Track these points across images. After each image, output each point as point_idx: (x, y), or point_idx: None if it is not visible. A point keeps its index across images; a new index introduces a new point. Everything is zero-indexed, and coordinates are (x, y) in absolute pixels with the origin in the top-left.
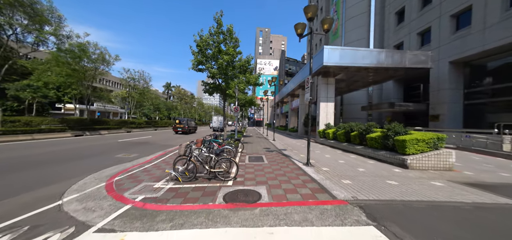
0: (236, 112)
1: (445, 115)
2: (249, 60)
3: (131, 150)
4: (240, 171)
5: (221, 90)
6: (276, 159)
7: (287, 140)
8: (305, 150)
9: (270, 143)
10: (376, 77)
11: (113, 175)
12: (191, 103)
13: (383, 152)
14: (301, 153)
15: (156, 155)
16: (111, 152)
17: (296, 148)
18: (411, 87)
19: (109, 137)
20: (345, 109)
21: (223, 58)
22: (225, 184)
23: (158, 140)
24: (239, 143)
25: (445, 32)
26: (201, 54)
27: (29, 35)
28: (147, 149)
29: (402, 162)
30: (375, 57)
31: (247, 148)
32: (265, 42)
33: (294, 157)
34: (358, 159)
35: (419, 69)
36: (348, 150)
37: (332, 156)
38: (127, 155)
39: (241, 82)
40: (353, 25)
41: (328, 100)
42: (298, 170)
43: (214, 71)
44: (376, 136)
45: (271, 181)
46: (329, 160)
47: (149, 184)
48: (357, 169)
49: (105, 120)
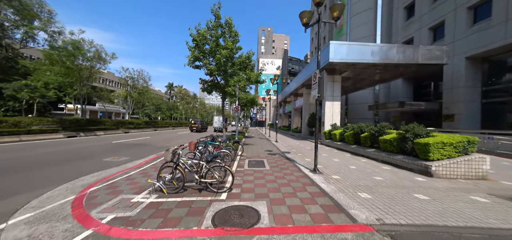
0: (237, 112)
1: (461, 115)
2: (250, 56)
3: (123, 152)
4: (237, 179)
5: (220, 88)
6: (279, 164)
7: (290, 142)
8: (310, 153)
9: (272, 145)
10: (384, 74)
11: (90, 184)
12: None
13: (400, 156)
14: (306, 156)
15: (148, 159)
16: (101, 155)
17: (301, 150)
18: (421, 85)
19: (104, 138)
20: (350, 109)
21: (221, 53)
22: (217, 197)
23: (156, 141)
24: (239, 145)
25: (461, 26)
26: (198, 50)
27: (17, 30)
28: (141, 151)
29: (424, 169)
30: (385, 53)
31: (248, 151)
32: (268, 42)
33: (298, 162)
34: (371, 164)
35: (432, 66)
36: (358, 153)
37: (341, 160)
38: (116, 158)
39: (242, 80)
40: (359, 21)
41: (334, 99)
42: (305, 178)
43: (212, 67)
44: (391, 138)
45: (273, 194)
46: (338, 166)
47: (127, 197)
48: (374, 178)
49: (101, 120)
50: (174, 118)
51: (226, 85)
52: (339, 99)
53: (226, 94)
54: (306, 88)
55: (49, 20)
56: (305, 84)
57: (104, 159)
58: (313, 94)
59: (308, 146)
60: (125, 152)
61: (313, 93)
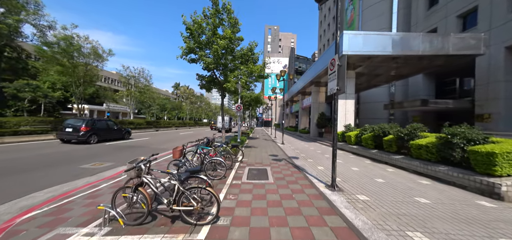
0: (239, 111)
1: (499, 115)
2: (253, 48)
3: (110, 157)
4: (230, 199)
5: (218, 85)
6: (286, 174)
7: (298, 144)
8: (322, 158)
9: (278, 148)
10: (403, 69)
11: (34, 206)
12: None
13: (443, 167)
14: (318, 163)
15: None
16: (82, 160)
17: (311, 155)
18: (444, 82)
19: None
20: (362, 108)
21: (218, 43)
22: (193, 236)
23: (153, 143)
24: (239, 150)
25: (500, 11)
26: (193, 40)
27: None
28: (132, 154)
29: (488, 189)
30: (408, 43)
31: (250, 155)
32: (274, 40)
33: (310, 172)
34: (402, 176)
35: (463, 58)
36: (380, 160)
37: (361, 170)
38: (97, 164)
39: (243, 74)
40: (372, 14)
41: (347, 97)
42: (321, 200)
43: (208, 60)
44: (428, 143)
45: (277, 230)
46: (360, 178)
47: (66, 231)
48: (417, 200)
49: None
50: (180, 118)
51: (225, 80)
52: (353, 97)
53: (225, 91)
54: (315, 86)
55: (35, 12)
56: (314, 81)
57: (82, 165)
58: (331, 87)
59: (319, 149)
60: (113, 156)
61: (330, 86)
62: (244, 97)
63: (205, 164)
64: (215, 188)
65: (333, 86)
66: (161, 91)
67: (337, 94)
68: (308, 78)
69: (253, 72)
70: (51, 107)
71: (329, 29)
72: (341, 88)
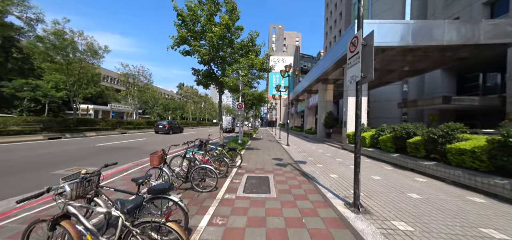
0: (240, 109)
1: None
2: (254, 38)
3: (94, 160)
4: (214, 226)
5: (216, 80)
6: (292, 184)
7: (304, 145)
8: (333, 163)
9: (282, 151)
10: (421, 63)
11: None
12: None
13: (502, 181)
14: (330, 170)
15: (116, 170)
16: (58, 164)
17: (320, 159)
18: (466, 77)
19: (90, 141)
20: (372, 107)
21: (213, 31)
22: None
23: (148, 144)
24: (237, 154)
25: None
26: (185, 28)
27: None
28: (122, 157)
29: None
30: (429, 32)
31: (251, 159)
32: (279, 39)
33: (322, 182)
34: (441, 189)
35: (491, 49)
36: (404, 166)
37: (385, 179)
38: (74, 169)
39: (243, 68)
40: (383, 6)
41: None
42: (342, 228)
43: (203, 51)
44: (476, 147)
45: None
46: (388, 191)
47: None
48: (486, 232)
49: (95, 120)
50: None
51: (222, 74)
52: (366, 94)
53: (223, 86)
54: (322, 83)
55: (20, 2)
56: (321, 78)
57: (55, 171)
58: (352, 73)
59: (328, 152)
60: (97, 160)
61: (351, 73)
62: (247, 95)
63: (191, 173)
64: (201, 205)
65: (355, 73)
66: (166, 91)
67: (362, 83)
68: (314, 75)
69: (254, 65)
70: (56, 107)
71: (335, 26)
72: (367, 75)
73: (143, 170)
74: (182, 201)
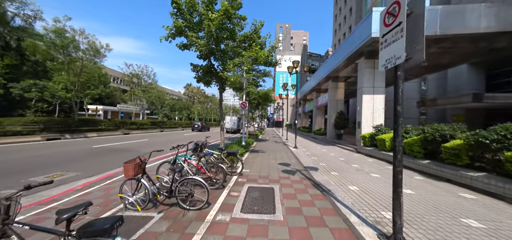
0: (244, 108)
1: None
2: (258, 29)
3: (86, 163)
4: None
5: (216, 76)
6: (303, 201)
7: (314, 148)
8: (349, 170)
9: (290, 154)
10: (446, 57)
11: None
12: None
13: None
14: (348, 179)
15: (102, 176)
16: (43, 169)
17: (333, 165)
18: (496, 73)
19: (89, 142)
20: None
21: (210, 18)
22: None
23: (148, 145)
24: (239, 160)
25: None
26: (181, 17)
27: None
28: (114, 160)
29: None
30: (461, 19)
31: (255, 163)
32: (285, 39)
33: (340, 197)
34: (500, 211)
35: None
36: (440, 176)
37: (422, 195)
38: (56, 176)
39: (246, 62)
40: None
41: (375, 92)
42: None
43: (201, 42)
44: None
45: None
46: (435, 216)
47: None
48: None
49: (97, 120)
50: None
51: (223, 68)
52: (383, 92)
53: (224, 83)
54: (332, 81)
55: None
56: (331, 76)
57: (32, 177)
58: (389, 54)
59: (340, 156)
60: (90, 163)
61: (386, 53)
62: (252, 94)
63: (176, 185)
64: (183, 233)
65: (395, 53)
66: (174, 92)
67: (411, 64)
68: (324, 73)
69: (258, 58)
70: (67, 108)
71: (345, 22)
72: (414, 55)
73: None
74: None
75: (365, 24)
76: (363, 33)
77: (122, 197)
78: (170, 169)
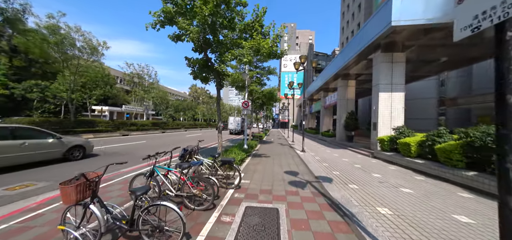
0: (246, 108)
1: None
2: (260, 17)
3: (65, 170)
4: None
5: (213, 70)
6: (320, 235)
7: (323, 152)
8: (372, 182)
9: (297, 159)
10: (475, 49)
11: None
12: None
13: None
14: (374, 198)
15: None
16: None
17: (349, 174)
18: None
19: None
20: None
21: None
22: None
23: (145, 147)
24: (236, 169)
25: None
26: (171, 2)
27: None
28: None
29: None
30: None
31: (257, 171)
32: (291, 38)
33: (371, 230)
34: None
35: None
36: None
37: (487, 225)
38: (18, 188)
39: (246, 53)
40: None
41: (393, 89)
42: None
43: (193, 29)
44: None
45: None
46: None
47: None
48: None
49: (94, 121)
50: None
51: (220, 62)
52: (403, 89)
53: (221, 77)
54: (342, 79)
55: None
56: (341, 74)
57: None
58: (472, 9)
59: (356, 162)
60: (69, 170)
61: (471, 7)
62: (255, 93)
63: (138, 215)
64: None
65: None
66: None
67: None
68: (332, 71)
69: (261, 48)
70: (74, 109)
71: (353, 20)
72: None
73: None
74: None
75: (382, 13)
76: (380, 24)
77: (64, 230)
78: (130, 191)
